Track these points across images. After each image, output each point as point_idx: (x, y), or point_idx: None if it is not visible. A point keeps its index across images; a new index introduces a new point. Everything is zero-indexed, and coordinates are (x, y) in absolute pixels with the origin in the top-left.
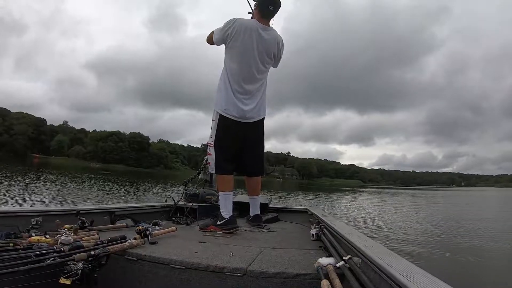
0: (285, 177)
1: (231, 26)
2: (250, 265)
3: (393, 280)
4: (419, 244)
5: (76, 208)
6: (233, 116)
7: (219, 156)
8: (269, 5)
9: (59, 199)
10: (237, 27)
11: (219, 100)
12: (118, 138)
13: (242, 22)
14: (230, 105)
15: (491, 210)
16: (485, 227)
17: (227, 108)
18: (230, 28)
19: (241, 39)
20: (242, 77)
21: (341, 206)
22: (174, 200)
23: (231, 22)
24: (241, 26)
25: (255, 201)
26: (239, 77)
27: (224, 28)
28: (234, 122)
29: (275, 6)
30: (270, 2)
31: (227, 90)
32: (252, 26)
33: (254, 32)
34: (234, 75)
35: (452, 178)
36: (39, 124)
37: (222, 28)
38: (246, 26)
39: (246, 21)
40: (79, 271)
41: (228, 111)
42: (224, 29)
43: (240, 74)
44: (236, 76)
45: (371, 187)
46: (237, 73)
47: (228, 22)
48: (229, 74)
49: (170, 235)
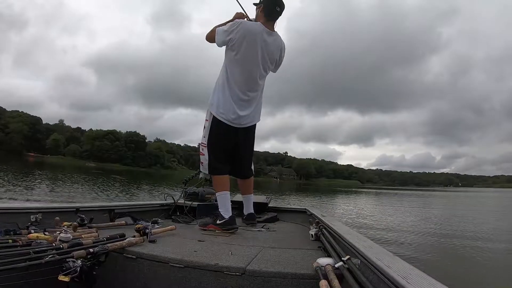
0: (282, 177)
1: (234, 29)
2: (249, 265)
3: (392, 281)
4: (417, 246)
5: (76, 205)
6: (228, 120)
7: (212, 157)
8: (276, 6)
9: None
10: (242, 31)
11: (215, 102)
12: (115, 137)
13: (247, 26)
14: (227, 109)
15: (490, 211)
16: (484, 228)
17: (223, 111)
18: (233, 31)
19: (245, 45)
20: (242, 83)
21: (339, 208)
22: (174, 198)
23: (236, 25)
24: (246, 31)
25: (249, 200)
26: (240, 83)
27: (228, 30)
28: (227, 126)
29: (281, 7)
30: (277, 3)
31: (225, 94)
32: (257, 32)
33: (259, 38)
34: (235, 79)
35: (450, 179)
36: (35, 122)
37: (226, 30)
38: (251, 31)
39: (251, 25)
40: (78, 269)
41: (223, 115)
42: (228, 32)
43: (241, 80)
44: (236, 81)
45: (368, 188)
46: (238, 78)
47: (233, 24)
48: (229, 78)
49: (170, 234)
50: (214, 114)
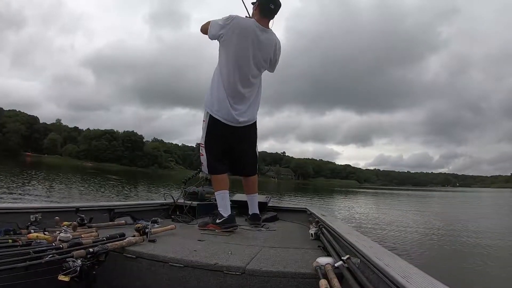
0: (280, 177)
1: (228, 24)
2: (249, 264)
3: (392, 280)
4: (417, 245)
5: (75, 205)
6: (223, 118)
7: (210, 157)
8: (270, 3)
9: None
10: (233, 26)
11: (210, 100)
12: (112, 137)
13: (239, 21)
14: (221, 107)
15: (490, 210)
16: (484, 227)
17: (218, 110)
18: (226, 26)
19: (236, 40)
20: (235, 80)
21: (337, 207)
22: (174, 198)
23: (229, 19)
24: (238, 26)
25: (252, 199)
26: (233, 80)
27: (222, 24)
28: (223, 124)
29: (276, 5)
30: (271, 0)
31: (219, 92)
32: (249, 27)
33: (251, 33)
34: (228, 77)
35: (448, 179)
36: (32, 122)
37: (219, 24)
38: (243, 27)
39: (244, 20)
40: (78, 268)
41: (218, 113)
42: (221, 26)
43: (234, 77)
44: (229, 78)
45: (366, 188)
46: (230, 75)
47: (226, 19)
48: (222, 75)
49: (169, 233)
50: (210, 112)
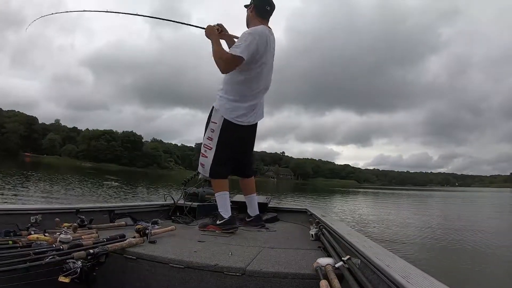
0: (279, 177)
1: (256, 42)
2: (249, 265)
3: (392, 281)
4: (417, 245)
5: (76, 206)
6: (240, 121)
7: (218, 161)
8: (266, 5)
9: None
10: (259, 41)
11: (230, 108)
12: (111, 137)
13: (260, 34)
14: (242, 114)
15: (489, 210)
16: (484, 227)
17: (238, 116)
18: (255, 45)
19: (264, 53)
20: (261, 88)
21: (336, 207)
22: (174, 199)
23: (253, 36)
24: (261, 39)
25: (252, 200)
26: (259, 88)
27: (250, 45)
28: (239, 126)
29: (272, 7)
30: (267, 2)
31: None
32: (266, 36)
33: (270, 40)
34: (253, 85)
35: (447, 179)
36: (31, 122)
37: (248, 46)
38: (263, 37)
39: (261, 30)
40: (78, 270)
41: (238, 118)
42: (251, 47)
43: (260, 85)
44: (255, 86)
45: (366, 188)
46: (256, 84)
47: (252, 38)
48: (246, 83)
49: (169, 234)
50: (229, 119)
